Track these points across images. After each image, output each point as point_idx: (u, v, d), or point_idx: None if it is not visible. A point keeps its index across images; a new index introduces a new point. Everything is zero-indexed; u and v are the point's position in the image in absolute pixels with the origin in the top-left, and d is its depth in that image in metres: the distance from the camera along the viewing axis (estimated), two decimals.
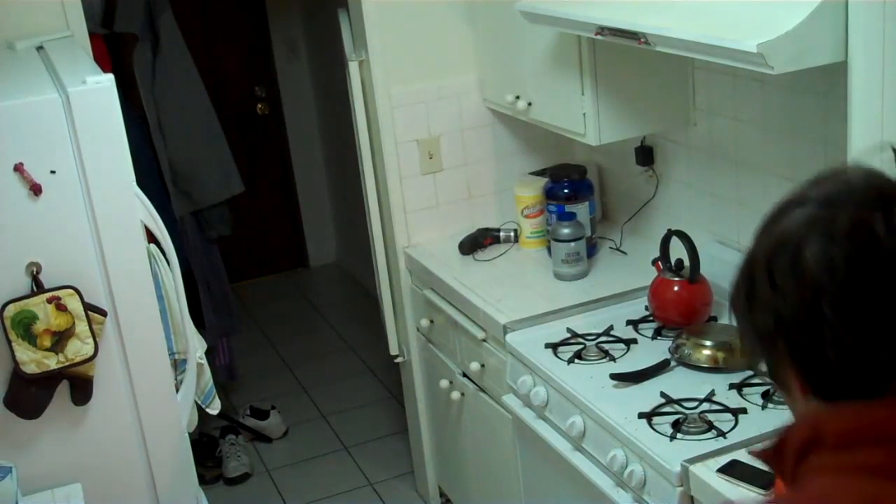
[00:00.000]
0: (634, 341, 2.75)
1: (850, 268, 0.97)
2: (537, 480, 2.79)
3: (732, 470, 2.14)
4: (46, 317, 2.22)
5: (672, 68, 2.84)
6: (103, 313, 2.30)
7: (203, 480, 3.31)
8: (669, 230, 2.80)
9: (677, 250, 2.77)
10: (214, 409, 2.64)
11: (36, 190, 2.20)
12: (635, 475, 2.30)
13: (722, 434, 2.27)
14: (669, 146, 3.10)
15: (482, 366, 3.03)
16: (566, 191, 3.24)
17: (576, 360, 2.64)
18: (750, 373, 2.52)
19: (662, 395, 2.44)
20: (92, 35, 3.10)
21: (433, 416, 3.60)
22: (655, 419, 2.36)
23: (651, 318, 2.84)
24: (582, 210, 3.21)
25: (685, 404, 2.40)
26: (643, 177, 3.23)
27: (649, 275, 2.86)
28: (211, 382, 2.61)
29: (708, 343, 2.58)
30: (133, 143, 2.38)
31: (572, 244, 3.12)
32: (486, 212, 3.50)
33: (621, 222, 3.37)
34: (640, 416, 2.36)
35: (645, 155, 3.17)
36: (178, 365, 2.52)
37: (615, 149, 3.22)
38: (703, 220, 3.00)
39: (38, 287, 2.23)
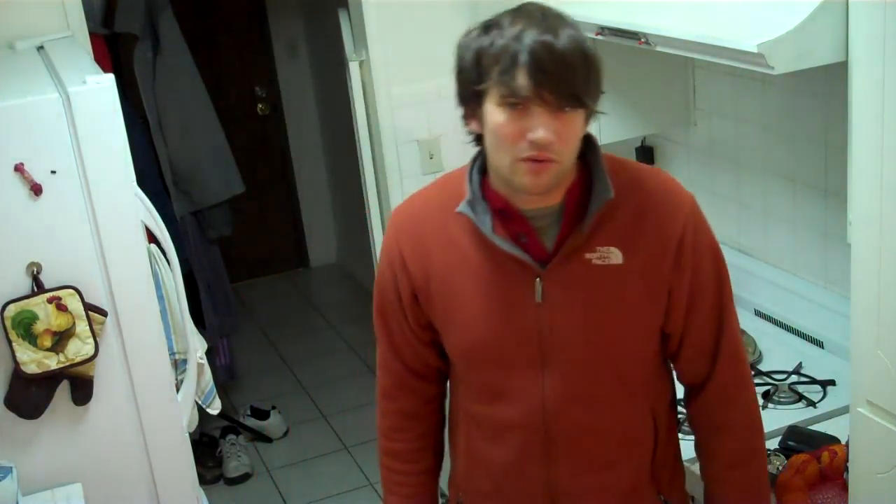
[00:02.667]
0: None
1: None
2: None
3: None
4: (47, 317, 2.22)
5: (672, 68, 2.84)
6: (104, 313, 2.30)
7: (203, 480, 3.31)
8: None
9: None
10: (215, 409, 2.64)
11: (36, 190, 2.20)
12: None
13: None
14: (670, 146, 3.10)
15: None
16: None
17: None
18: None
19: None
20: (92, 35, 3.10)
21: None
22: None
23: None
24: None
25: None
26: None
27: None
28: (211, 382, 2.60)
29: None
30: (133, 143, 2.38)
31: None
32: None
33: None
34: None
35: (645, 155, 3.17)
36: (179, 365, 2.52)
37: (615, 149, 3.21)
38: None
39: (38, 287, 2.23)
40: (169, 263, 2.45)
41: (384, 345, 1.89)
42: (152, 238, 2.42)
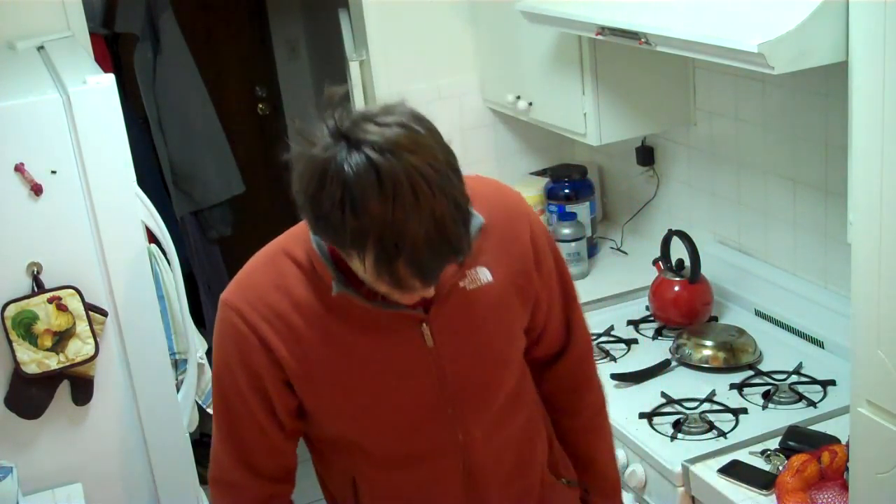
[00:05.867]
0: (635, 341, 2.75)
1: None
2: None
3: (733, 470, 2.14)
4: (47, 317, 2.22)
5: (672, 68, 2.84)
6: (104, 313, 2.30)
7: (203, 480, 3.30)
8: (670, 230, 2.80)
9: (678, 250, 2.77)
10: None
11: (37, 190, 2.20)
12: (636, 475, 2.30)
13: (722, 434, 2.27)
14: (670, 146, 3.09)
15: None
16: (567, 191, 3.25)
17: None
18: (751, 373, 2.52)
19: (663, 395, 2.44)
20: (92, 35, 3.10)
21: None
22: (656, 419, 2.36)
23: (652, 318, 2.84)
24: (583, 210, 3.21)
25: (686, 404, 2.40)
26: (644, 177, 3.23)
27: (650, 275, 2.86)
28: (211, 382, 2.60)
29: (709, 343, 2.58)
30: (133, 143, 2.38)
31: (573, 244, 3.12)
32: None
33: (622, 222, 3.37)
34: (641, 416, 2.36)
35: (645, 155, 3.17)
36: (179, 365, 2.52)
37: (616, 149, 3.22)
38: (703, 220, 3.00)
39: (38, 287, 2.23)
40: (169, 263, 2.45)
41: (232, 456, 1.69)
42: (152, 238, 2.42)
